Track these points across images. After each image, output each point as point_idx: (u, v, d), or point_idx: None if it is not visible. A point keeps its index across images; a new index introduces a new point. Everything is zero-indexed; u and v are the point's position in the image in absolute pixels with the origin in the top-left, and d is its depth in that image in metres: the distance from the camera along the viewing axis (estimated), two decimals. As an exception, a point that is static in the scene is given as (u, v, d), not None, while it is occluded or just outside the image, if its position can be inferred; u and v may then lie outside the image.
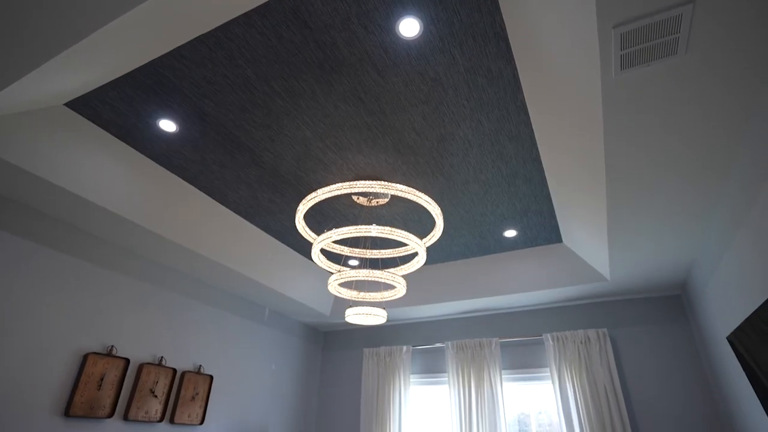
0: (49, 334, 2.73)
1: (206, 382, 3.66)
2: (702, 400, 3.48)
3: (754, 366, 2.16)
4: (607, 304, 4.12)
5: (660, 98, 1.78)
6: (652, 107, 1.82)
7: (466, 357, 4.34)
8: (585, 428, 3.62)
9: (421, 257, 2.90)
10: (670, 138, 1.98)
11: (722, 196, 2.38)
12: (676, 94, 1.76)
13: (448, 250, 4.07)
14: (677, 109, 1.83)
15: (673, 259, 3.19)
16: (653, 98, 1.78)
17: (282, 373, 4.64)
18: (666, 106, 1.81)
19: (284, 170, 2.95)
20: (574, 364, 3.87)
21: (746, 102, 1.78)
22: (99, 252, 3.11)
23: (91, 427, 2.83)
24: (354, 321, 3.33)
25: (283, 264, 4.09)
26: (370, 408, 4.59)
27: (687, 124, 1.90)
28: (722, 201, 2.40)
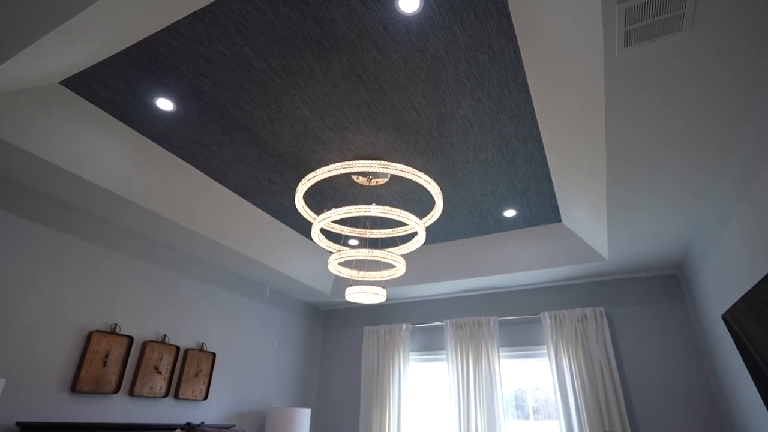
0: (53, 312, 2.76)
1: (209, 359, 3.73)
2: (695, 377, 3.55)
3: (747, 343, 2.20)
4: (604, 284, 4.17)
5: (663, 75, 1.76)
6: (655, 85, 1.80)
7: (465, 335, 4.41)
8: (580, 404, 3.70)
9: (420, 237, 2.92)
10: (673, 116, 1.97)
11: (723, 175, 2.37)
12: (680, 71, 1.73)
13: (447, 230, 4.09)
14: (680, 86, 1.81)
15: (671, 238, 3.21)
16: (656, 76, 1.76)
17: (283, 350, 4.72)
18: (669, 83, 1.79)
19: (283, 150, 2.94)
20: (571, 342, 3.94)
21: (750, 80, 1.76)
22: (100, 232, 3.13)
23: (97, 401, 2.90)
24: (354, 300, 3.37)
25: (283, 243, 4.11)
26: (370, 384, 4.69)
27: (690, 101, 1.88)
28: (722, 180, 2.39)
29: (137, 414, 3.12)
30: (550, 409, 4.05)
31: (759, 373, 2.14)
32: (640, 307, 3.95)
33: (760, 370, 2.12)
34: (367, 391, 4.66)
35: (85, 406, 2.83)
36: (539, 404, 4.13)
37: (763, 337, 1.99)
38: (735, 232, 2.42)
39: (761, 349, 2.04)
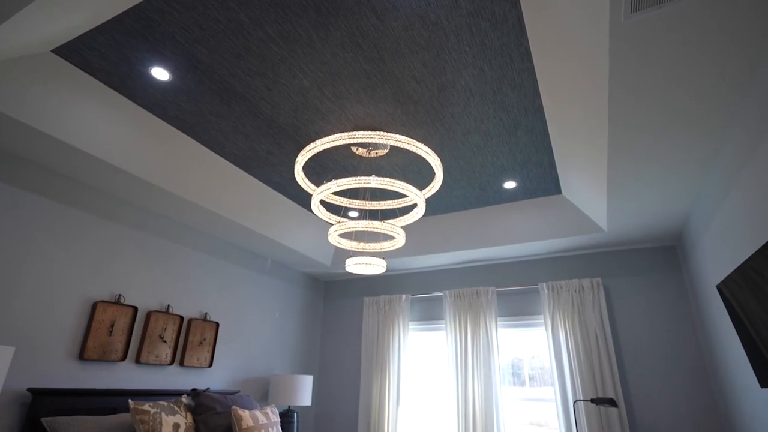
0: (58, 283, 2.80)
1: (212, 328, 3.81)
2: (687, 346, 3.63)
3: (740, 312, 2.24)
4: (602, 255, 4.20)
5: (668, 42, 1.72)
6: (659, 53, 1.76)
7: (463, 305, 4.48)
8: (574, 370, 3.81)
9: (420, 208, 2.92)
10: (676, 86, 1.93)
11: (724, 147, 2.35)
12: (685, 39, 1.69)
13: (447, 202, 4.09)
14: (684, 55, 1.77)
15: (670, 210, 3.21)
16: (661, 43, 1.72)
17: (285, 320, 4.81)
18: (674, 51, 1.75)
19: (282, 121, 2.90)
20: (567, 312, 4.01)
21: (755, 50, 1.72)
22: (102, 204, 3.13)
23: (105, 368, 2.98)
24: (354, 270, 3.41)
25: (283, 215, 4.13)
26: (370, 353, 4.80)
27: (693, 71, 1.85)
28: (723, 152, 2.38)
29: (144, 381, 3.22)
30: (546, 376, 4.17)
31: (750, 342, 2.18)
32: (637, 278, 4.00)
33: (751, 339, 2.17)
34: (368, 360, 4.78)
35: (93, 373, 2.91)
36: (535, 372, 4.24)
37: (757, 307, 2.02)
38: (734, 203, 2.43)
39: (754, 319, 2.08)
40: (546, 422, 4.06)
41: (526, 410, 4.14)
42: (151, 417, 2.47)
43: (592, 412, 3.64)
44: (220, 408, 2.85)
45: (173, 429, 2.52)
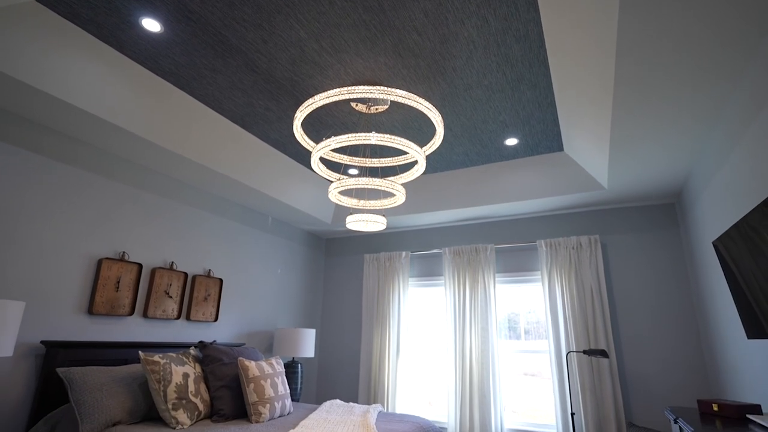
0: (63, 241, 2.83)
1: (216, 284, 3.89)
2: (680, 301, 3.73)
3: (734, 268, 2.28)
4: (601, 213, 4.22)
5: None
6: (670, 9, 1.69)
7: (462, 262, 4.55)
8: (569, 324, 3.93)
9: (420, 165, 2.90)
10: (684, 43, 1.87)
11: (729, 104, 2.30)
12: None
13: (447, 159, 4.06)
14: (695, 11, 1.69)
15: (672, 167, 3.19)
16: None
17: (287, 277, 4.90)
18: (683, 8, 1.68)
19: (279, 75, 2.82)
20: (564, 268, 4.08)
21: (764, 9, 1.64)
22: (103, 163, 3.11)
23: (114, 322, 3.08)
24: (354, 228, 3.44)
25: (283, 173, 4.11)
26: (371, 308, 4.93)
27: (703, 29, 1.78)
28: (728, 110, 2.33)
29: (152, 334, 3.33)
30: (541, 330, 4.31)
31: (741, 296, 2.24)
32: (634, 235, 4.04)
33: (742, 293, 2.22)
34: (368, 314, 4.92)
35: (103, 327, 3.00)
36: (531, 326, 4.38)
37: (751, 263, 2.05)
38: (735, 162, 2.41)
39: (746, 274, 2.12)
40: (539, 373, 4.23)
41: (520, 362, 4.31)
42: (162, 367, 2.57)
43: (584, 363, 3.79)
44: (227, 359, 2.96)
45: (183, 378, 2.63)
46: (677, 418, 1.98)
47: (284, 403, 2.92)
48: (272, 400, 2.80)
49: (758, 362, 2.46)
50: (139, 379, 2.66)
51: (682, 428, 1.92)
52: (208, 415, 2.73)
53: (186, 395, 2.59)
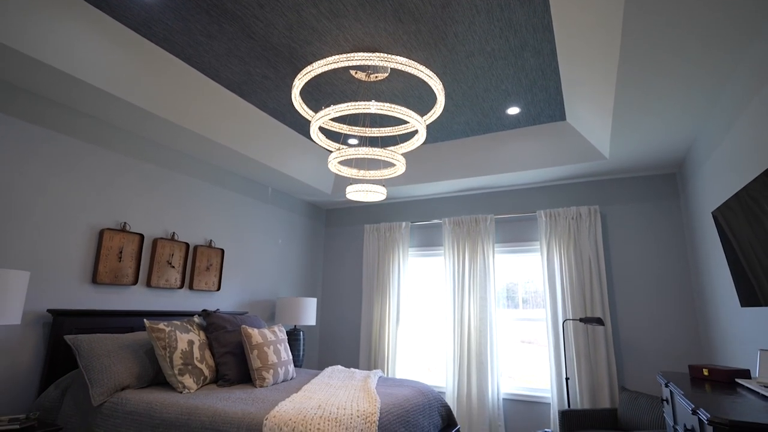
0: (64, 211, 2.84)
1: (218, 254, 3.92)
2: (677, 270, 3.77)
3: (732, 239, 2.30)
4: (601, 183, 4.21)
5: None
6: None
7: (462, 232, 4.58)
8: (566, 293, 3.99)
9: (421, 135, 2.87)
10: (692, 13, 1.81)
11: (735, 75, 2.26)
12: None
13: (448, 128, 4.01)
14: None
15: (675, 137, 3.16)
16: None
17: (288, 247, 4.94)
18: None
19: (276, 41, 2.75)
20: (564, 238, 4.11)
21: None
22: (103, 133, 3.07)
23: (118, 291, 3.13)
24: (354, 198, 3.44)
25: (282, 143, 4.07)
26: (371, 278, 5.00)
27: (710, 1, 1.72)
28: (734, 80, 2.28)
29: (156, 303, 3.39)
30: (539, 299, 4.38)
31: (737, 265, 2.26)
32: (634, 205, 4.04)
33: (738, 262, 2.24)
34: (369, 284, 4.99)
35: (107, 296, 3.05)
36: (529, 295, 4.45)
37: (749, 233, 2.07)
38: (738, 133, 2.38)
39: (744, 245, 2.14)
40: (536, 340, 4.33)
41: (518, 330, 4.40)
42: (167, 335, 2.63)
43: (580, 330, 3.87)
44: (230, 327, 3.03)
45: (188, 345, 2.70)
46: (668, 382, 2.04)
47: (287, 368, 3.01)
48: (275, 366, 2.88)
49: (750, 329, 2.52)
50: (145, 346, 2.73)
51: (672, 392, 1.98)
52: (214, 380, 2.81)
53: (191, 361, 2.66)
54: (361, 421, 2.03)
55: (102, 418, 2.29)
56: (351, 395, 2.45)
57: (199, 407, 2.15)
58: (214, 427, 2.01)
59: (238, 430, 1.95)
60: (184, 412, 2.14)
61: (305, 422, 1.88)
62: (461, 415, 4.16)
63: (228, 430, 1.97)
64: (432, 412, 2.78)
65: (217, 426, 2.00)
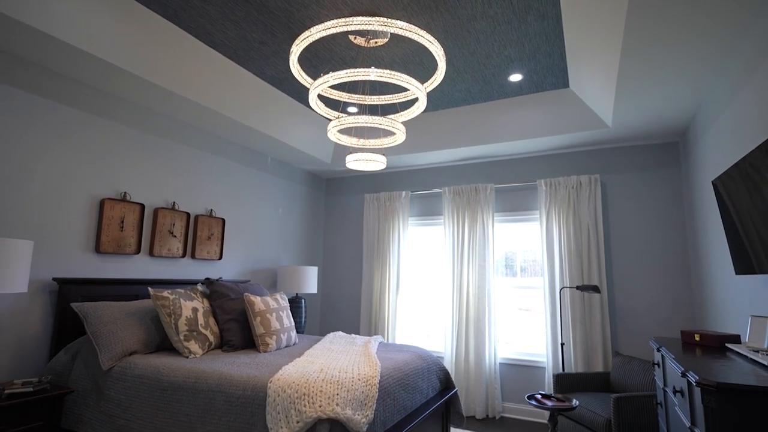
0: (65, 182, 2.84)
1: (219, 224, 3.95)
2: (674, 239, 3.80)
3: (731, 207, 2.31)
4: (603, 152, 4.18)
5: None
6: None
7: (462, 201, 4.59)
8: (564, 262, 4.04)
9: (421, 103, 2.83)
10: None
11: (742, 43, 2.20)
12: None
13: (449, 96, 3.95)
14: None
15: (678, 105, 3.12)
16: None
17: (288, 216, 4.96)
18: None
19: (272, 4, 2.67)
20: (563, 207, 4.12)
21: None
22: (101, 103, 3.03)
23: (122, 260, 3.17)
24: (354, 167, 3.43)
25: (281, 112, 4.02)
26: (371, 246, 5.05)
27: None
28: (741, 48, 2.23)
29: (159, 272, 3.43)
30: (537, 268, 4.43)
31: (734, 233, 2.28)
32: (635, 174, 4.03)
33: (736, 231, 2.26)
34: (369, 252, 5.04)
35: (111, 265, 3.09)
36: (527, 264, 4.50)
37: (748, 201, 2.07)
38: (742, 103, 2.34)
39: (743, 214, 2.15)
40: (533, 308, 4.42)
41: (515, 297, 4.49)
42: (171, 302, 2.68)
43: (576, 298, 3.94)
44: (233, 295, 3.09)
45: (192, 312, 2.76)
46: (660, 347, 2.10)
47: (290, 334, 3.08)
48: (278, 332, 2.96)
49: (743, 297, 2.57)
50: (151, 313, 2.79)
51: (663, 356, 2.04)
52: (219, 345, 2.89)
53: (196, 327, 2.73)
54: (362, 384, 2.11)
55: (112, 382, 2.37)
56: (352, 359, 2.52)
57: (206, 371, 2.22)
58: (221, 389, 2.08)
59: (243, 392, 2.03)
60: (190, 375, 2.21)
61: (308, 385, 1.94)
62: (459, 378, 4.30)
63: (234, 393, 2.04)
64: (431, 376, 2.88)
65: (224, 388, 2.08)
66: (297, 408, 1.85)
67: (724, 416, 1.30)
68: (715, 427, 1.31)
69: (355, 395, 2.00)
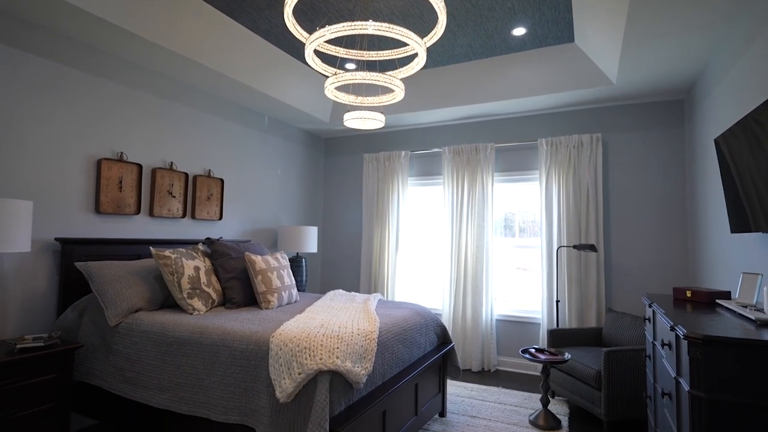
0: (61, 141, 2.80)
1: (218, 184, 3.94)
2: (673, 199, 3.80)
3: (731, 165, 2.29)
4: (605, 110, 4.11)
5: None
6: None
7: (462, 161, 4.55)
8: (562, 222, 4.06)
9: (421, 58, 2.75)
10: None
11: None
12: None
13: (450, 51, 3.83)
14: None
15: (686, 61, 3.02)
16: None
17: (287, 177, 4.95)
18: None
19: (265, -48, 2.53)
20: (563, 167, 4.09)
21: None
22: (95, 61, 2.94)
23: (122, 221, 3.19)
24: (352, 125, 3.38)
25: (277, 68, 3.91)
26: (371, 206, 5.06)
27: None
28: (750, 3, 2.13)
29: (160, 232, 3.46)
30: (536, 228, 4.47)
31: (733, 194, 2.28)
32: (637, 133, 3.98)
33: (735, 191, 2.26)
34: (368, 213, 5.07)
35: (111, 225, 3.12)
36: (526, 224, 4.53)
37: (749, 160, 2.06)
38: (751, 59, 2.27)
39: (743, 172, 2.14)
40: (531, 267, 4.49)
41: (514, 257, 4.55)
42: (173, 261, 2.73)
43: (573, 257, 4.00)
44: (234, 254, 3.13)
45: (194, 271, 2.81)
46: (652, 303, 2.15)
47: (291, 292, 3.15)
48: (280, 290, 3.02)
49: (737, 254, 2.60)
50: (154, 272, 2.84)
51: (654, 311, 2.10)
52: (221, 303, 2.97)
53: (199, 285, 2.78)
54: (362, 338, 2.18)
55: (119, 337, 2.45)
56: (352, 316, 2.59)
57: (210, 327, 2.29)
58: (225, 343, 2.15)
59: (247, 346, 2.10)
60: (195, 331, 2.28)
61: (309, 339, 2.01)
62: (456, 334, 4.44)
63: (238, 347, 2.11)
64: (428, 331, 2.97)
65: (228, 343, 2.15)
66: (298, 361, 1.92)
67: (708, 367, 1.35)
68: (699, 377, 1.37)
69: (355, 349, 2.08)
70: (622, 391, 2.83)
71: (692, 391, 1.38)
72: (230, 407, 2.05)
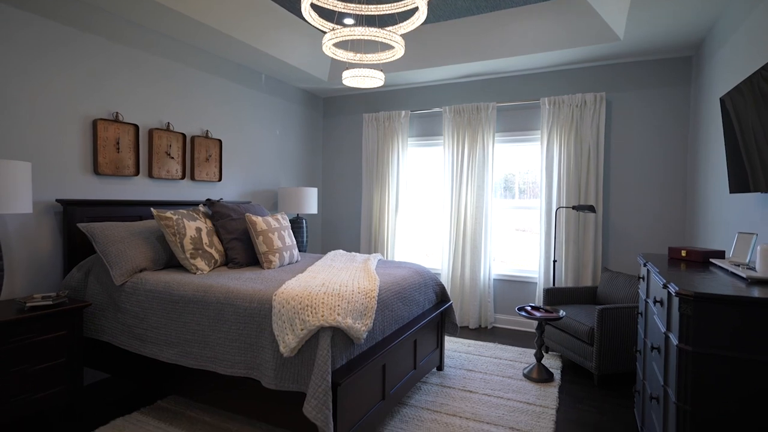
0: (54, 102, 2.75)
1: (216, 145, 3.90)
2: (674, 159, 3.78)
3: (735, 124, 2.26)
4: (610, 68, 4.00)
5: None
6: None
7: (462, 121, 4.49)
8: (562, 183, 4.05)
9: (421, 12, 2.65)
10: None
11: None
12: None
13: (451, 5, 3.68)
14: None
15: (697, 16, 2.91)
16: None
17: (286, 137, 4.89)
18: None
19: None
20: (565, 127, 4.04)
21: None
22: (91, 20, 2.83)
23: (122, 182, 3.18)
24: (351, 84, 3.31)
25: (273, 24, 3.77)
26: (371, 167, 5.03)
27: None
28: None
29: (160, 193, 3.47)
30: (536, 190, 4.46)
31: (735, 153, 2.26)
32: (643, 91, 3.89)
33: (737, 150, 2.24)
34: (368, 173, 5.05)
35: (111, 187, 3.12)
36: (526, 186, 4.52)
37: (754, 118, 2.03)
38: (761, 15, 2.18)
39: (747, 130, 2.11)
40: (530, 228, 4.53)
41: (513, 218, 4.57)
42: (175, 222, 2.75)
43: (572, 217, 4.02)
44: (235, 215, 3.15)
45: (196, 232, 2.84)
46: (646, 262, 2.19)
47: (292, 252, 3.20)
48: (281, 250, 3.06)
49: (734, 215, 2.62)
50: (156, 233, 2.87)
51: (649, 270, 2.14)
52: (224, 263, 3.02)
53: (201, 246, 2.82)
54: (362, 296, 2.23)
55: (126, 296, 2.51)
56: (352, 275, 2.64)
57: (213, 285, 2.34)
58: (229, 301, 2.21)
59: (250, 304, 2.15)
60: (199, 289, 2.34)
61: (311, 297, 2.06)
62: (454, 293, 4.54)
63: (241, 305, 2.17)
64: (427, 290, 3.04)
65: (231, 301, 2.21)
66: (301, 318, 1.98)
67: (698, 322, 1.39)
68: (688, 332, 1.41)
69: (355, 306, 2.13)
70: (613, 346, 2.93)
71: (680, 345, 1.43)
72: (236, 361, 2.13)
